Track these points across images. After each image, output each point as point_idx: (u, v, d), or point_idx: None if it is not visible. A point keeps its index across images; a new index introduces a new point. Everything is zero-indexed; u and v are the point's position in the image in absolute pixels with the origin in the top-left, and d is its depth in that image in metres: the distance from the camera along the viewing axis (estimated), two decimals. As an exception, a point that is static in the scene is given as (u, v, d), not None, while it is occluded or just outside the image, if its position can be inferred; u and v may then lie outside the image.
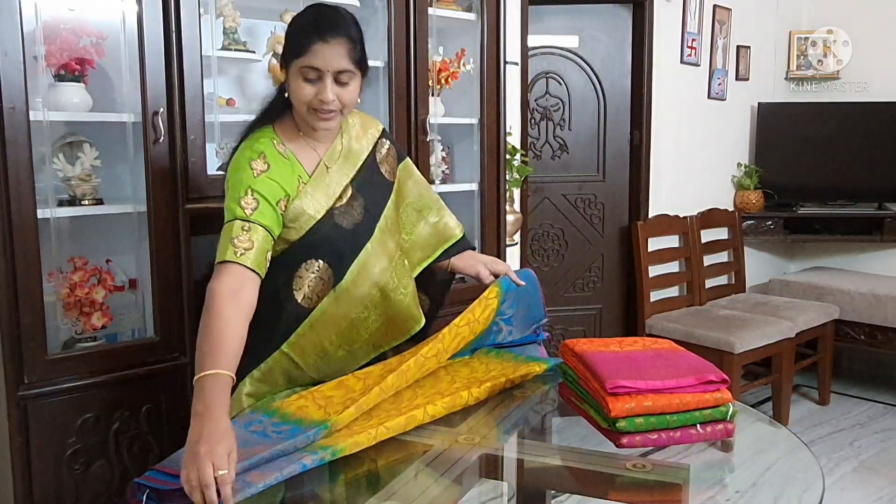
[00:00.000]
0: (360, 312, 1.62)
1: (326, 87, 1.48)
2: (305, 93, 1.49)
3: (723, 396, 1.34)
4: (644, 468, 1.23)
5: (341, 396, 1.40)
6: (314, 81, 1.48)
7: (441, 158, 2.73)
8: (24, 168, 1.79)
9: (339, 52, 1.47)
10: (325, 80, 1.48)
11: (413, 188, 1.78)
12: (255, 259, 1.43)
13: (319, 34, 1.46)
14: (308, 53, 1.46)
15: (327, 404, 1.39)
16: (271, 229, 1.48)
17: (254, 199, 1.46)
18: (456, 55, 2.69)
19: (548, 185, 3.84)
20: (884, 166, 4.27)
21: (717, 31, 4.14)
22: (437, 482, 1.26)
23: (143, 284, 2.09)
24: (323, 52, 1.45)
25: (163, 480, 1.21)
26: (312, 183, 1.57)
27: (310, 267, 1.56)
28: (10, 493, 1.85)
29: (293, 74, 1.49)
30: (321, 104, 1.49)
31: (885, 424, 3.75)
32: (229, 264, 1.40)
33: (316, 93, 1.48)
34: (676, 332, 3.61)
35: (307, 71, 1.47)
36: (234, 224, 1.44)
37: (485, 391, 1.54)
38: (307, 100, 1.49)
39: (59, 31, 1.91)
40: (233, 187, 1.48)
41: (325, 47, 1.45)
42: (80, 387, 1.90)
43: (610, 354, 1.44)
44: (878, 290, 3.95)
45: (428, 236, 1.79)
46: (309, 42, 1.45)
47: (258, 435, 1.28)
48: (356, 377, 1.48)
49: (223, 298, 1.37)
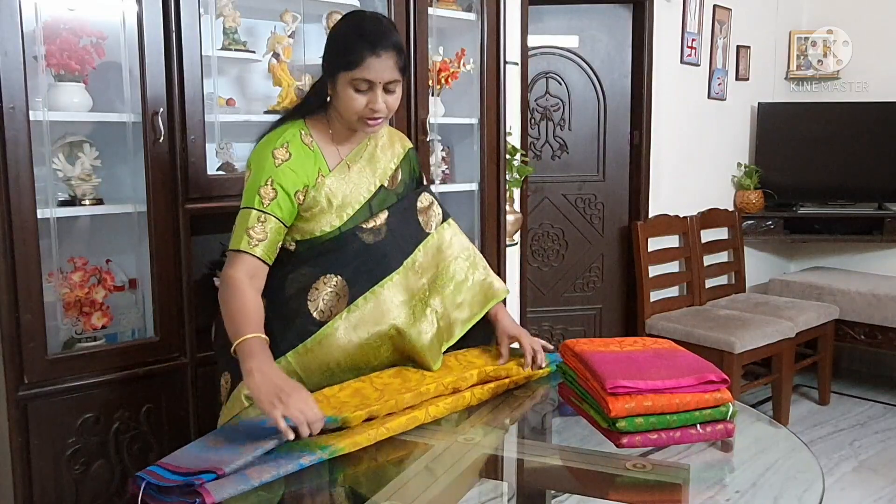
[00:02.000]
0: (373, 341, 1.58)
1: (378, 98, 1.53)
2: (357, 104, 1.53)
3: (723, 396, 1.34)
4: (644, 468, 1.23)
5: (357, 403, 1.40)
6: (365, 92, 1.53)
7: (441, 158, 2.73)
8: (24, 168, 1.79)
9: (389, 65, 1.52)
10: (375, 91, 1.53)
11: (456, 241, 1.76)
12: (266, 250, 1.52)
13: (372, 48, 1.50)
14: (361, 67, 1.50)
15: (342, 407, 1.39)
16: (285, 220, 1.54)
17: (273, 189, 1.52)
18: (456, 55, 2.69)
19: (548, 185, 3.84)
20: (884, 166, 4.27)
21: (717, 31, 4.14)
22: (437, 482, 1.26)
23: (143, 284, 2.09)
24: (375, 66, 1.51)
25: (162, 476, 1.22)
26: (332, 177, 1.60)
27: (328, 281, 1.57)
28: (10, 493, 1.85)
29: (342, 85, 1.54)
30: (372, 113, 1.54)
31: (885, 424, 3.74)
32: (243, 254, 1.49)
33: (367, 103, 1.53)
34: (676, 332, 3.60)
35: (359, 83, 1.52)
36: (251, 213, 1.51)
37: (487, 391, 1.54)
38: (358, 110, 1.54)
39: (59, 31, 1.90)
40: (255, 174, 1.54)
41: (377, 61, 1.50)
42: (80, 387, 1.91)
43: (610, 354, 1.44)
44: (878, 290, 3.95)
45: (476, 293, 1.75)
46: (361, 57, 1.50)
47: (272, 430, 1.29)
48: (374, 387, 1.48)
49: (241, 282, 1.48)
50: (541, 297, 3.86)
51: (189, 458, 1.29)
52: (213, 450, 1.31)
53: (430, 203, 1.76)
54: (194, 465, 1.23)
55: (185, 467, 1.23)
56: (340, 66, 1.53)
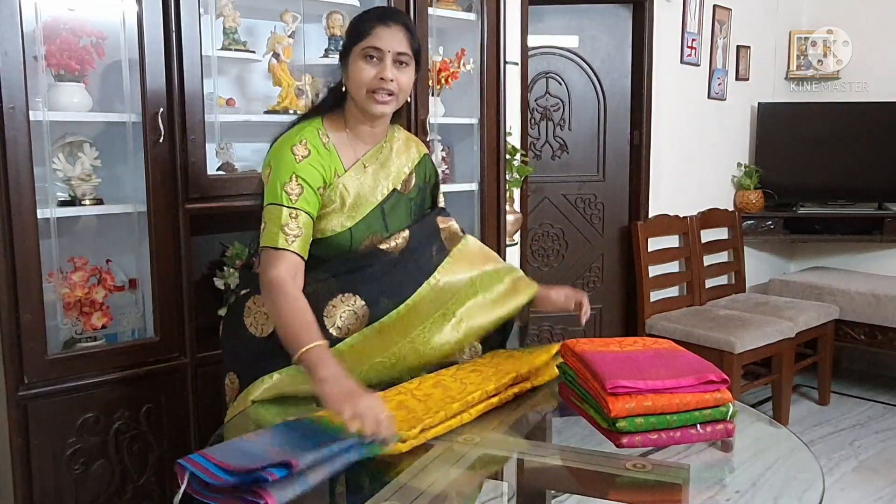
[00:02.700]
0: (388, 359, 1.55)
1: (386, 67, 1.55)
2: (366, 74, 1.55)
3: (723, 396, 1.34)
4: (644, 468, 1.23)
5: (404, 416, 1.38)
6: (375, 63, 1.56)
7: (441, 158, 2.73)
8: (24, 168, 1.79)
9: (399, 37, 1.56)
10: (385, 61, 1.55)
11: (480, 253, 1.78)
12: (303, 246, 1.51)
13: (381, 19, 1.57)
14: (370, 35, 1.55)
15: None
16: (313, 215, 1.55)
17: (298, 184, 1.52)
18: (456, 55, 2.69)
19: (548, 185, 3.84)
20: (884, 166, 4.27)
21: (717, 31, 4.14)
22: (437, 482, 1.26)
23: (143, 284, 2.09)
24: (384, 34, 1.55)
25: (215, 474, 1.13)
26: (347, 176, 1.60)
27: (346, 300, 1.57)
28: (10, 493, 1.85)
29: (354, 59, 1.57)
30: (381, 83, 1.55)
31: (885, 424, 3.74)
32: (283, 252, 1.48)
33: (377, 73, 1.55)
34: (676, 332, 3.60)
35: (369, 51, 1.55)
36: (282, 210, 1.50)
37: (511, 394, 1.55)
38: (367, 80, 1.56)
39: (59, 31, 1.90)
40: (277, 170, 1.53)
41: (387, 31, 1.55)
42: (80, 387, 1.91)
43: (610, 354, 1.44)
44: (878, 290, 3.95)
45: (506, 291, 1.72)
46: (371, 26, 1.56)
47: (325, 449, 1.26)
48: (416, 398, 1.46)
49: (287, 283, 1.46)
50: (541, 297, 3.86)
51: (238, 454, 1.20)
52: (267, 447, 1.23)
53: (449, 224, 1.77)
54: (252, 463, 1.14)
55: (240, 465, 1.14)
56: (352, 40, 1.58)
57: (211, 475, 1.13)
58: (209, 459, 1.16)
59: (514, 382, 1.55)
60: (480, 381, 1.53)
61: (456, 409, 1.42)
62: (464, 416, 1.42)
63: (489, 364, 1.63)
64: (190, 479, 1.14)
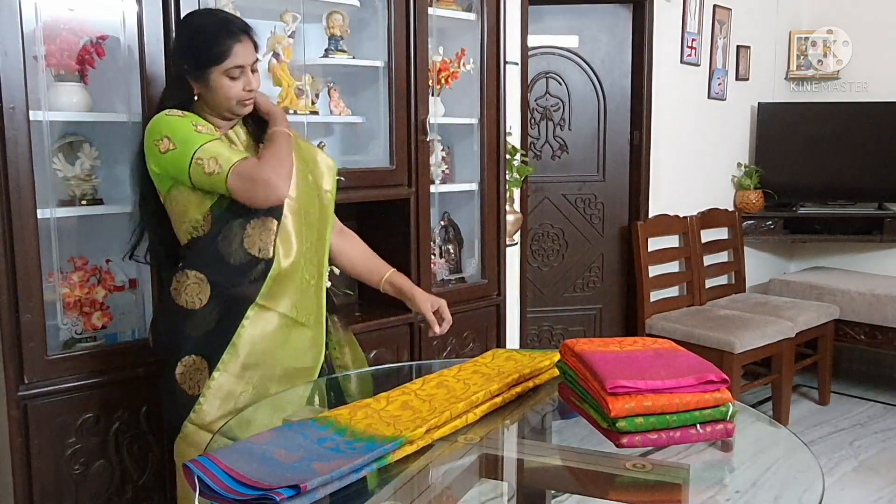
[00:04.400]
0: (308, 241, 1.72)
1: (250, 79, 1.67)
2: (234, 90, 1.65)
3: (723, 396, 1.34)
4: (644, 468, 1.23)
5: (409, 416, 1.39)
6: (238, 78, 1.65)
7: (441, 158, 2.73)
8: (24, 168, 1.79)
9: (250, 47, 1.66)
10: (247, 73, 1.66)
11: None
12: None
13: (235, 36, 1.63)
14: (231, 56, 1.62)
15: (395, 422, 1.38)
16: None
17: (203, 126, 1.62)
18: (456, 55, 2.69)
19: (548, 185, 3.84)
20: (884, 166, 4.27)
21: (717, 31, 4.14)
22: (438, 482, 1.26)
23: (143, 284, 2.09)
24: (241, 51, 1.63)
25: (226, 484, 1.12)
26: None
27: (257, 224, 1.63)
28: (10, 493, 1.85)
29: (216, 79, 1.63)
30: (249, 94, 1.67)
31: (885, 424, 3.75)
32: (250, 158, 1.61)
33: (243, 86, 1.65)
34: (676, 332, 3.61)
35: (232, 71, 1.63)
36: (216, 142, 1.60)
37: (514, 394, 1.55)
38: (237, 95, 1.65)
39: (59, 31, 1.91)
40: (177, 128, 1.59)
41: (242, 46, 1.64)
42: (80, 387, 1.91)
43: (610, 354, 1.44)
44: (878, 290, 3.95)
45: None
46: (229, 47, 1.62)
47: (332, 451, 1.26)
48: (420, 398, 1.47)
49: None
50: (541, 297, 3.86)
51: (246, 458, 1.20)
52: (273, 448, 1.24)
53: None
54: (264, 478, 1.13)
55: (253, 479, 1.13)
56: (211, 62, 1.62)
57: (218, 482, 1.13)
58: (217, 463, 1.16)
59: (516, 382, 1.56)
60: (483, 381, 1.53)
61: (461, 409, 1.42)
62: (469, 416, 1.43)
63: (491, 365, 1.63)
64: (198, 483, 1.14)
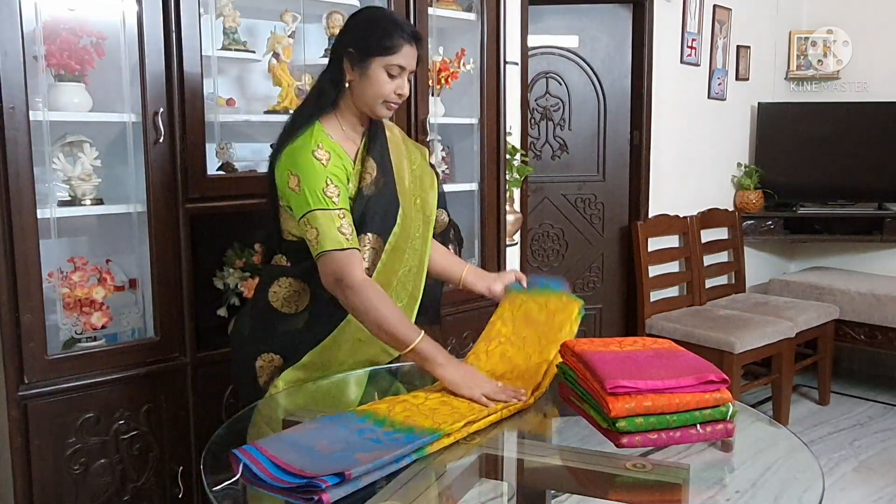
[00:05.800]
0: (405, 267, 1.72)
1: (405, 84, 1.64)
2: (387, 87, 1.62)
3: (723, 396, 1.34)
4: (644, 468, 1.23)
5: (448, 412, 1.41)
6: (395, 78, 1.62)
7: (441, 158, 2.73)
8: (24, 168, 1.79)
9: (415, 54, 1.65)
10: (404, 77, 1.64)
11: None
12: (357, 241, 1.60)
13: (408, 37, 1.62)
14: (398, 53, 1.60)
15: (433, 415, 1.40)
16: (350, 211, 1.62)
17: (335, 186, 1.58)
18: (456, 55, 2.69)
19: (548, 185, 3.84)
20: (884, 166, 4.27)
21: (717, 31, 4.14)
22: (437, 482, 1.26)
23: (143, 284, 2.09)
24: (409, 53, 1.62)
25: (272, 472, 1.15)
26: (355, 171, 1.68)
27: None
28: (10, 493, 1.85)
29: (375, 69, 1.61)
30: (398, 98, 1.64)
31: (885, 424, 3.75)
32: (350, 251, 1.56)
33: (395, 88, 1.63)
34: (676, 332, 3.61)
35: (393, 68, 1.61)
36: (331, 214, 1.56)
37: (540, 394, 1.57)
38: (387, 93, 1.62)
39: (59, 31, 1.90)
40: (308, 177, 1.56)
41: (411, 49, 1.62)
42: (80, 387, 1.91)
43: (610, 354, 1.44)
44: (878, 290, 3.95)
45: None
46: (399, 43, 1.61)
47: (373, 441, 1.28)
48: (459, 399, 1.49)
49: (370, 282, 1.57)
50: (541, 297, 3.86)
51: (290, 448, 1.23)
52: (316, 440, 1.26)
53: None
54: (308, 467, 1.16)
55: (298, 468, 1.15)
56: (377, 51, 1.60)
57: (264, 470, 1.16)
58: (263, 452, 1.19)
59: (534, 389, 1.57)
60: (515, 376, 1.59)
61: (499, 406, 1.46)
62: (503, 412, 1.46)
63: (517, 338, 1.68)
64: (243, 470, 1.16)
